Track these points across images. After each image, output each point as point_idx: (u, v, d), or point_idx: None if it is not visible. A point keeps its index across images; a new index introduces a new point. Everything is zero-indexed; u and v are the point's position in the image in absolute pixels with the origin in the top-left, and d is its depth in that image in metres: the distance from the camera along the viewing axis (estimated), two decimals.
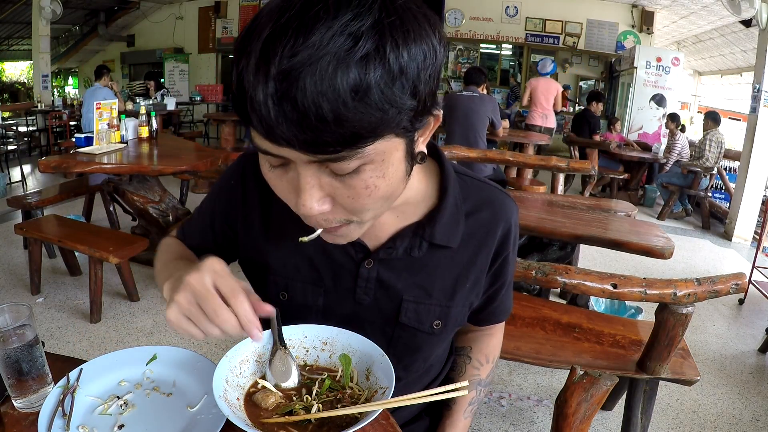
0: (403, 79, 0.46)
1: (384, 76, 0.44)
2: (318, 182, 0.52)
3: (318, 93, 0.43)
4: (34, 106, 7.42)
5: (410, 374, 0.83)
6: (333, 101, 0.43)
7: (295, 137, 0.46)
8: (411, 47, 0.46)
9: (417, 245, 0.72)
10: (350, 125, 0.45)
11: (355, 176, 0.51)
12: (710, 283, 1.43)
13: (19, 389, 0.69)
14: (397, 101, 0.46)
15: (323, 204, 0.53)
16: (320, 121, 0.44)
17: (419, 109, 0.50)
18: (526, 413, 2.20)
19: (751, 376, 2.61)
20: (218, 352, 2.46)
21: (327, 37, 0.43)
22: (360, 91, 0.44)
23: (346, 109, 0.44)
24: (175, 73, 10.62)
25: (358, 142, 0.47)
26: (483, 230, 0.75)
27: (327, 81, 0.43)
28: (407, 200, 0.70)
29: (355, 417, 0.61)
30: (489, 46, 9.90)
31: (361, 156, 0.48)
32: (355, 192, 0.52)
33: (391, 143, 0.51)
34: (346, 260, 0.73)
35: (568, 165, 3.23)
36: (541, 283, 1.48)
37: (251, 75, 0.45)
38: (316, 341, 0.72)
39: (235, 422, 0.57)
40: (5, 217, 4.30)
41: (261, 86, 0.44)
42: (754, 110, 4.89)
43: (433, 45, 0.48)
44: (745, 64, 7.80)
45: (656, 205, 6.14)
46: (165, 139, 4.02)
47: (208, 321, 0.55)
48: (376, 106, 0.45)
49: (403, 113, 0.48)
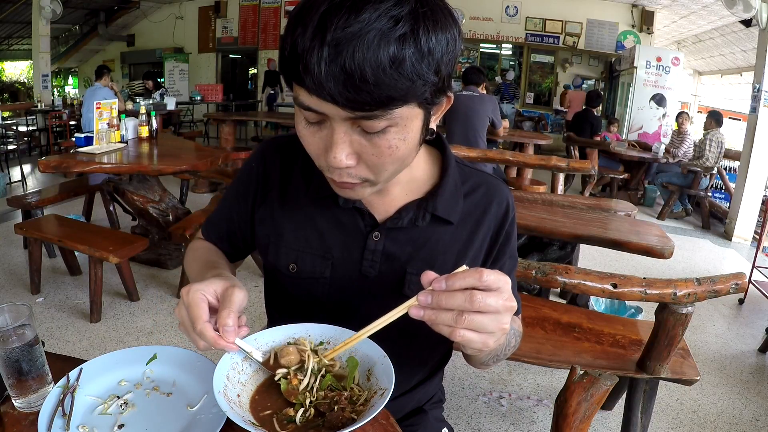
0: (430, 58, 0.56)
1: (416, 54, 0.54)
2: (349, 139, 0.60)
3: (363, 59, 0.52)
4: (34, 106, 7.43)
5: (411, 349, 0.84)
6: (374, 68, 0.53)
7: (340, 94, 0.54)
8: (438, 34, 0.56)
9: (421, 216, 0.78)
10: (386, 89, 0.54)
11: (381, 136, 0.60)
12: (710, 283, 1.43)
13: (19, 389, 0.69)
14: (424, 75, 0.56)
15: (350, 159, 0.61)
16: (363, 82, 0.53)
17: (439, 86, 0.59)
18: (526, 413, 2.20)
19: (751, 376, 2.61)
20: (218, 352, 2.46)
21: (374, 17, 0.53)
22: (396, 62, 0.53)
23: (384, 75, 0.53)
24: (175, 72, 10.62)
25: (390, 104, 0.56)
26: (480, 209, 0.82)
27: (371, 51, 0.52)
28: (414, 177, 0.79)
29: (351, 417, 0.61)
30: (489, 46, 9.90)
31: (390, 117, 0.57)
32: (379, 151, 0.61)
33: (414, 111, 0.60)
34: (356, 233, 0.79)
35: (568, 165, 3.23)
36: (541, 282, 1.48)
37: (308, 41, 0.54)
38: (318, 340, 0.72)
39: (232, 418, 0.57)
40: (5, 217, 4.30)
41: (316, 50, 0.53)
42: (754, 110, 4.89)
43: (455, 35, 0.59)
44: (745, 64, 7.80)
45: (656, 205, 6.14)
46: (165, 138, 4.02)
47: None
48: (408, 77, 0.54)
49: (427, 86, 0.57)
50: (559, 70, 9.78)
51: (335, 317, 0.75)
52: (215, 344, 0.62)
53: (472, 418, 2.15)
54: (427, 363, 0.91)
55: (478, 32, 9.43)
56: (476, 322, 0.55)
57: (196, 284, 0.64)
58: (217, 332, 0.62)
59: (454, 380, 2.38)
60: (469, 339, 0.56)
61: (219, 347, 0.62)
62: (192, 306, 0.62)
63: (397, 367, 0.64)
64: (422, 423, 0.94)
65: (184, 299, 0.64)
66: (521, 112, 9.74)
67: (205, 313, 0.62)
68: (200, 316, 0.62)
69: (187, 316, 0.63)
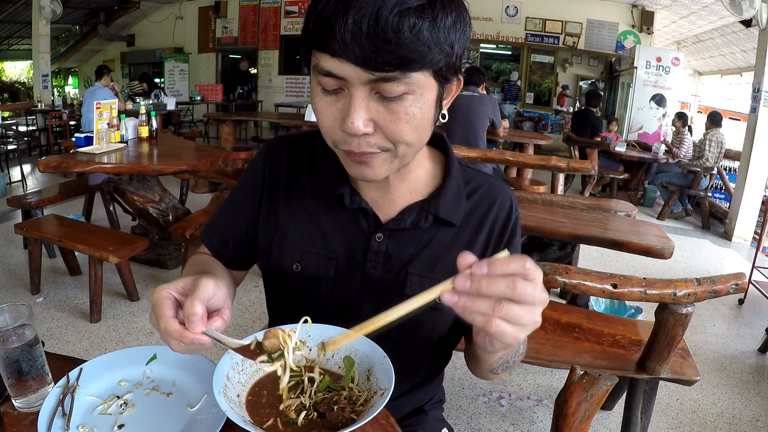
0: (445, 32, 0.60)
1: (432, 24, 0.58)
2: (366, 105, 0.61)
3: (386, 23, 0.56)
4: (34, 106, 7.43)
5: (411, 350, 0.84)
6: (396, 30, 0.56)
7: (363, 54, 0.57)
8: (453, 13, 0.60)
9: (423, 218, 0.79)
10: (406, 49, 0.57)
11: (399, 102, 0.61)
12: (710, 283, 1.43)
13: (19, 389, 0.69)
14: (441, 44, 0.60)
15: (367, 126, 0.62)
16: (385, 42, 0.56)
17: (452, 62, 0.63)
18: (526, 413, 2.20)
19: (751, 376, 2.61)
20: (218, 352, 2.46)
21: None
22: (415, 28, 0.57)
23: (404, 38, 0.57)
24: (175, 72, 10.62)
25: (409, 65, 0.58)
26: (482, 210, 0.82)
27: (393, 17, 0.56)
28: (419, 177, 0.80)
29: (351, 417, 0.61)
30: (489, 46, 9.90)
31: (408, 82, 0.60)
32: (396, 117, 0.62)
33: (429, 81, 0.62)
34: (359, 233, 0.80)
35: (568, 165, 3.23)
36: None
37: (332, 7, 0.57)
38: (318, 340, 0.71)
39: (232, 418, 0.57)
40: (5, 217, 4.30)
41: (341, 15, 0.56)
42: (754, 110, 4.89)
43: (466, 20, 0.63)
44: (745, 64, 7.80)
45: (656, 205, 6.14)
46: (165, 138, 4.02)
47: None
48: (425, 43, 0.58)
49: (442, 55, 0.60)
50: (559, 71, 9.78)
51: (337, 317, 0.75)
52: (183, 338, 0.58)
53: (472, 418, 2.15)
54: (427, 364, 0.91)
55: (478, 32, 9.42)
56: (513, 313, 0.51)
57: (162, 285, 0.62)
58: (183, 326, 0.59)
59: (454, 380, 2.38)
60: (503, 331, 0.51)
61: (188, 341, 0.58)
62: (155, 305, 0.61)
63: (398, 368, 0.64)
64: (422, 423, 0.94)
65: (151, 300, 0.62)
66: (521, 112, 9.75)
67: (168, 309, 0.60)
68: (163, 312, 0.59)
69: (155, 319, 0.61)
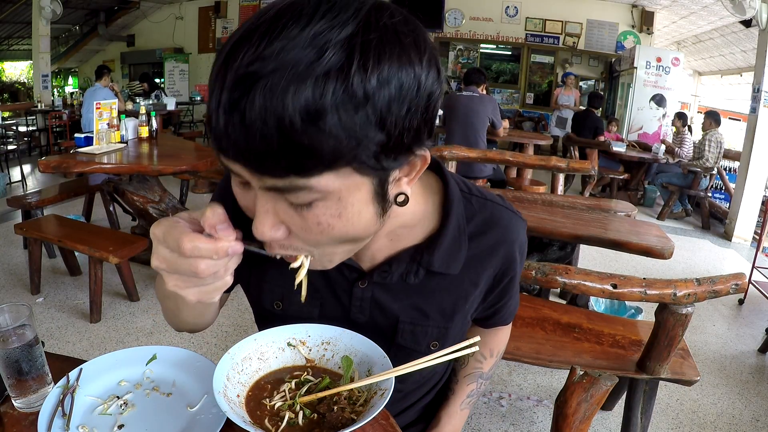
0: (368, 108, 0.41)
1: (344, 101, 0.40)
2: (273, 208, 0.48)
3: (266, 108, 0.39)
4: (34, 106, 7.42)
5: (407, 385, 0.83)
6: (280, 119, 0.39)
7: (241, 154, 0.42)
8: (384, 72, 0.41)
9: (413, 271, 0.68)
10: (297, 149, 0.41)
11: (309, 210, 0.47)
12: (710, 283, 1.43)
13: (18, 389, 0.69)
14: (357, 132, 0.41)
15: (277, 231, 0.50)
16: (264, 138, 0.40)
17: (390, 145, 0.44)
18: (526, 413, 2.20)
19: (751, 376, 2.61)
20: (218, 352, 2.46)
21: (290, 46, 0.39)
22: (312, 112, 0.39)
23: (293, 131, 0.40)
24: (175, 73, 10.62)
25: (303, 170, 0.43)
26: (487, 252, 0.71)
27: (278, 96, 0.39)
28: (403, 224, 0.65)
29: (351, 418, 0.61)
30: (489, 46, 9.90)
31: (311, 189, 0.44)
32: (307, 226, 0.49)
33: (351, 181, 0.46)
34: (341, 279, 0.71)
35: (568, 165, 3.23)
36: (541, 283, 1.48)
37: (212, 81, 0.43)
38: (318, 340, 0.72)
39: (232, 419, 0.57)
40: (5, 217, 4.30)
41: (216, 93, 0.41)
42: (754, 110, 4.89)
43: (417, 74, 0.43)
44: (745, 64, 7.79)
45: (656, 205, 6.14)
46: (165, 139, 4.02)
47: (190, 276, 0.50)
48: (330, 133, 0.40)
49: (364, 147, 0.43)
50: (559, 71, 9.77)
51: None
52: (218, 251, 0.47)
53: (472, 418, 2.15)
54: (428, 382, 0.91)
55: (478, 32, 9.43)
56: None
57: (164, 218, 0.51)
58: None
59: None
60: None
61: (223, 254, 0.48)
62: (169, 230, 0.48)
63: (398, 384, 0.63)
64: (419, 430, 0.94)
65: (156, 235, 0.49)
66: (521, 113, 9.75)
67: (188, 228, 0.48)
68: (183, 230, 0.47)
69: (168, 251, 0.48)
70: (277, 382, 0.67)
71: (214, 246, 0.47)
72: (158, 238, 0.49)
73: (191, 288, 0.50)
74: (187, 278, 0.50)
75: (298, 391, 0.65)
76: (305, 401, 0.64)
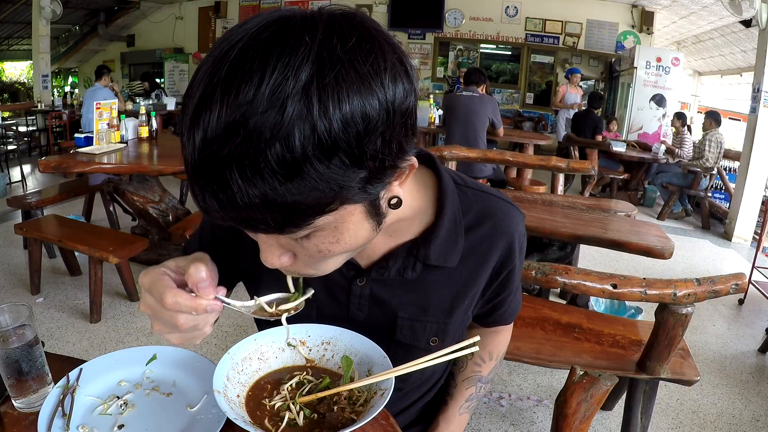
0: (341, 154, 0.40)
1: (315, 153, 0.39)
2: (276, 242, 0.52)
3: (244, 188, 0.39)
4: (34, 106, 7.42)
5: (408, 384, 0.83)
6: (261, 192, 0.39)
7: (230, 221, 0.43)
8: (347, 113, 0.39)
9: (410, 266, 0.69)
10: (283, 209, 0.41)
11: (308, 240, 0.50)
12: (710, 283, 1.43)
13: (19, 389, 0.69)
14: (337, 179, 0.41)
15: (283, 257, 0.53)
16: (250, 208, 0.41)
17: (373, 176, 0.44)
18: (526, 413, 2.20)
19: (751, 376, 2.61)
20: (218, 352, 2.46)
21: (250, 112, 0.38)
22: (289, 172, 0.39)
23: (276, 195, 0.40)
24: (175, 73, 10.62)
25: (295, 222, 0.43)
26: (485, 245, 0.71)
27: (251, 169, 0.38)
28: (399, 218, 0.65)
29: (351, 418, 0.61)
30: (489, 46, 9.89)
31: (307, 227, 0.45)
32: (310, 253, 0.52)
33: (343, 211, 0.47)
34: (339, 277, 0.71)
35: (568, 165, 3.23)
36: (541, 283, 1.48)
37: (185, 137, 0.41)
38: (318, 340, 0.72)
39: (232, 418, 0.57)
40: (5, 217, 4.30)
41: (190, 168, 0.41)
42: (754, 110, 4.89)
43: (382, 100, 0.41)
44: (745, 64, 7.79)
45: (656, 205, 6.14)
46: (165, 139, 4.01)
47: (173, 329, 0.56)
48: (312, 186, 0.40)
49: (347, 188, 0.43)
50: (559, 71, 9.77)
51: None
52: (196, 308, 0.52)
53: (472, 418, 2.15)
54: (428, 381, 0.91)
55: (478, 32, 9.43)
56: None
57: (150, 267, 0.56)
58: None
59: None
60: None
61: (202, 310, 0.53)
62: (154, 284, 0.53)
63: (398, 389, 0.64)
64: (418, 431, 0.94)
65: (144, 284, 0.55)
66: (521, 113, 9.75)
67: (171, 283, 0.53)
68: (167, 286, 0.53)
69: (153, 301, 0.53)
70: (277, 382, 0.67)
71: (193, 303, 0.53)
72: (145, 287, 0.55)
73: (174, 334, 0.56)
74: (170, 326, 0.55)
75: (298, 391, 0.65)
76: (305, 401, 0.64)
